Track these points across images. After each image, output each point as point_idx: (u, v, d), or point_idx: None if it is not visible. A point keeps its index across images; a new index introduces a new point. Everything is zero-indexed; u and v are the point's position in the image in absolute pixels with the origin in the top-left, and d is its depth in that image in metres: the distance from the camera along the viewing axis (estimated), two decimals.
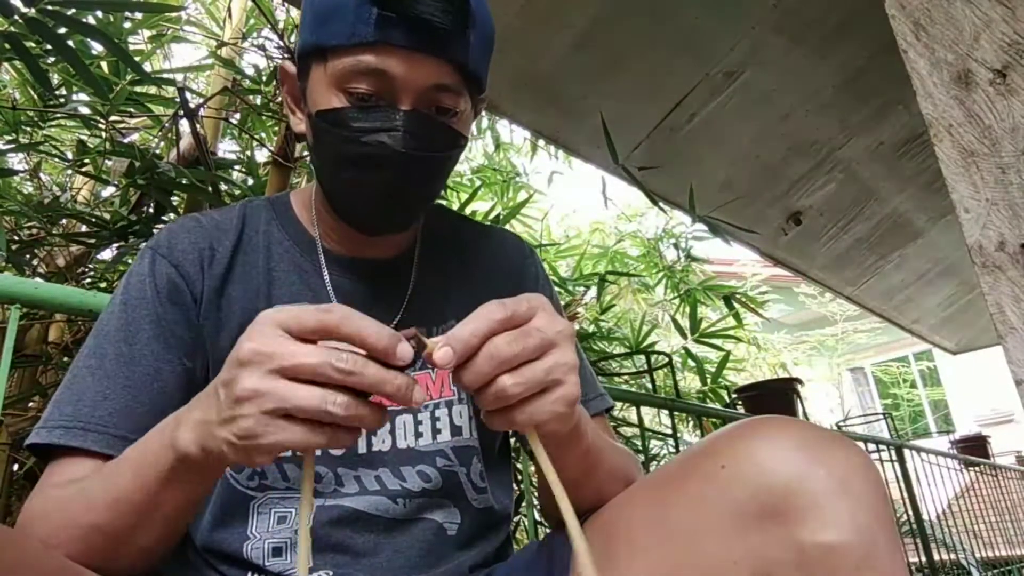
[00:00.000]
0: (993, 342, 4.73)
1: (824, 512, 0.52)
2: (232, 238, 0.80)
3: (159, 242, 0.79)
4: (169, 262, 0.77)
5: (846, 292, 3.91)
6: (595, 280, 3.45)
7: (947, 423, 11.58)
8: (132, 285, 0.76)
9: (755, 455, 0.56)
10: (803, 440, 0.56)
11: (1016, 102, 0.86)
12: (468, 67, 0.72)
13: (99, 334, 0.74)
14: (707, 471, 0.59)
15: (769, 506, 0.54)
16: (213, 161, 2.07)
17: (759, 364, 9.03)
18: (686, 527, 0.59)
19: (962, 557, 4.32)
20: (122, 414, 0.69)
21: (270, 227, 0.83)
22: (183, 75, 2.54)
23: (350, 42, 0.68)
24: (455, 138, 0.74)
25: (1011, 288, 0.84)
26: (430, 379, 0.80)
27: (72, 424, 0.67)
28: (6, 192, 2.07)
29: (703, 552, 0.57)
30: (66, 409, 0.68)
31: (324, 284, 0.80)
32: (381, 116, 0.69)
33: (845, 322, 10.78)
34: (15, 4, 1.42)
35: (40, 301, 1.02)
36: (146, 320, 0.73)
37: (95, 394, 0.69)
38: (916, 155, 2.90)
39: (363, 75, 0.69)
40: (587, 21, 2.09)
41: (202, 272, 0.77)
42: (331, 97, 0.71)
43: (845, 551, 0.51)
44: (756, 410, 3.19)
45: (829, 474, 0.53)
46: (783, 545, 0.53)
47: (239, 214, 0.83)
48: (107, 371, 0.71)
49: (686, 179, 2.63)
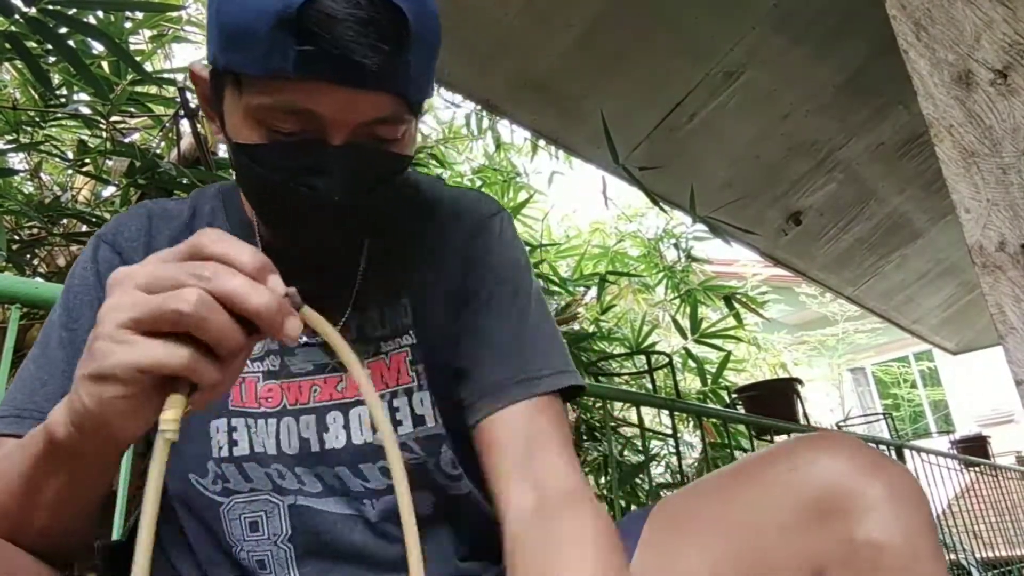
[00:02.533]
0: (993, 342, 4.72)
1: (879, 515, 0.58)
2: (178, 223, 0.78)
3: (105, 230, 0.78)
4: (112, 248, 0.76)
5: (846, 292, 3.91)
6: (595, 280, 3.45)
7: (947, 423, 11.58)
8: (76, 273, 0.75)
9: (822, 462, 0.62)
10: (864, 455, 0.62)
11: (1017, 102, 0.86)
12: (409, 94, 0.62)
13: (45, 326, 0.73)
14: (777, 471, 0.64)
15: (830, 506, 0.59)
16: (214, 161, 2.07)
17: (759, 364, 9.03)
18: (751, 521, 0.63)
19: (962, 557, 4.32)
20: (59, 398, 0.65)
21: (215, 214, 0.79)
22: (183, 75, 2.54)
23: (267, 74, 0.57)
24: (397, 162, 0.66)
25: (1011, 288, 0.84)
26: (384, 366, 0.74)
27: (9, 412, 0.67)
28: (6, 192, 2.07)
29: (764, 545, 0.62)
30: (7, 398, 0.69)
31: None
32: (309, 154, 0.60)
33: (846, 322, 10.77)
34: (15, 4, 1.42)
35: (40, 301, 1.02)
36: (87, 305, 0.72)
37: (34, 380, 0.69)
38: (916, 155, 2.90)
39: (284, 114, 0.59)
40: (587, 21, 2.09)
41: (141, 256, 0.73)
42: (249, 131, 0.61)
43: (892, 552, 0.57)
44: (756, 410, 3.19)
45: (884, 485, 0.59)
46: (837, 542, 0.58)
47: (190, 203, 0.81)
48: (49, 357, 0.70)
49: (686, 179, 2.63)
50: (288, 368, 0.73)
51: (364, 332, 0.75)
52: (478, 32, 2.04)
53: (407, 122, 0.64)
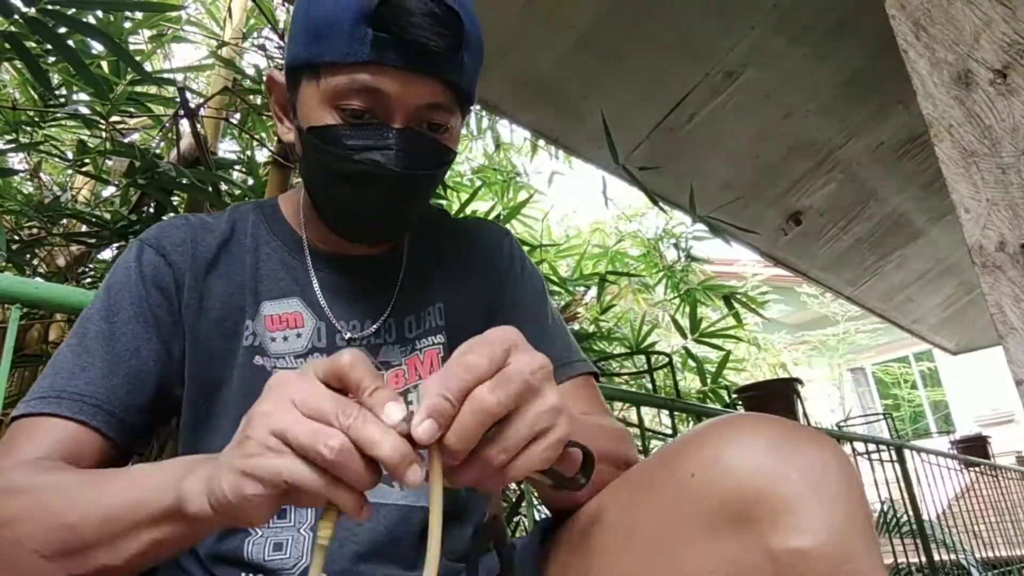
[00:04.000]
0: (993, 342, 4.73)
1: (796, 517, 0.50)
2: (219, 237, 0.83)
3: (148, 235, 0.82)
4: (156, 251, 0.79)
5: (846, 292, 3.91)
6: (595, 280, 3.45)
7: (947, 423, 11.58)
8: (118, 271, 0.79)
9: (724, 460, 0.54)
10: (773, 441, 0.54)
11: (1016, 102, 0.86)
12: (461, 86, 0.73)
13: (82, 319, 0.76)
14: (677, 479, 0.57)
15: (740, 513, 0.52)
16: (213, 161, 2.07)
17: (759, 364, 9.04)
18: (659, 537, 0.57)
19: (962, 557, 4.32)
20: (98, 384, 0.70)
21: (258, 229, 0.85)
22: (183, 75, 2.54)
23: (345, 60, 0.69)
24: (445, 154, 0.76)
25: (1011, 288, 0.83)
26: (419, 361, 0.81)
27: (48, 394, 0.69)
28: (6, 192, 2.07)
29: (677, 563, 0.55)
30: (44, 383, 0.71)
31: (311, 280, 0.82)
32: (374, 134, 0.71)
33: (846, 322, 10.78)
34: (15, 4, 1.42)
35: (40, 301, 1.02)
36: (128, 301, 0.76)
37: (73, 367, 0.71)
38: (916, 155, 2.90)
39: (357, 93, 0.70)
40: (587, 21, 2.09)
41: (187, 262, 0.79)
42: (323, 114, 0.72)
43: (819, 556, 0.49)
44: (756, 410, 3.19)
45: (801, 476, 0.51)
46: (757, 553, 0.51)
47: (227, 218, 0.85)
48: (87, 347, 0.73)
49: (686, 179, 2.63)
50: None
51: (402, 334, 0.83)
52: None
53: (455, 115, 0.75)
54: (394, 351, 0.81)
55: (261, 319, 0.79)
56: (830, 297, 7.70)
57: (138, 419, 0.73)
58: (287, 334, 0.79)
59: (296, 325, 0.79)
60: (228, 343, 0.78)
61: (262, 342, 0.78)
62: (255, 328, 0.78)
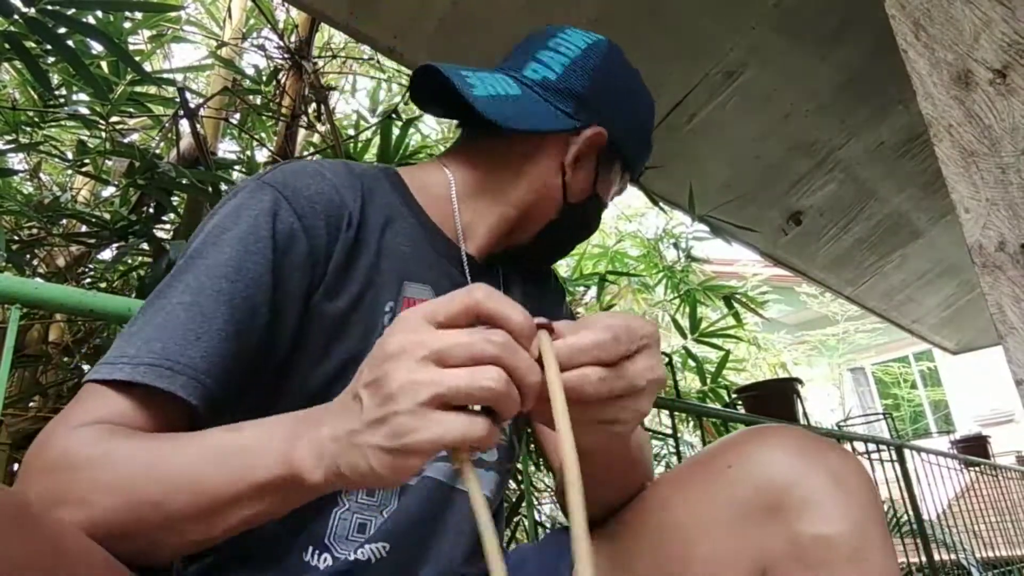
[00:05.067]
0: (993, 342, 4.73)
1: (821, 507, 0.57)
2: (358, 202, 0.74)
3: (284, 182, 0.69)
4: (294, 209, 0.68)
5: (846, 292, 3.91)
6: (595, 280, 3.44)
7: (947, 423, 11.58)
8: (246, 219, 0.66)
9: (759, 455, 0.61)
10: (801, 444, 0.61)
11: (1016, 102, 0.86)
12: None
13: (194, 266, 0.63)
14: (713, 471, 0.63)
15: (770, 501, 0.58)
16: (213, 161, 2.07)
17: (759, 364, 9.04)
18: (694, 522, 0.63)
19: (962, 557, 4.32)
20: (212, 360, 0.59)
21: (391, 197, 0.79)
22: (183, 75, 2.54)
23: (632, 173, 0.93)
24: None
25: (1011, 288, 0.83)
26: None
27: (160, 362, 0.57)
28: (6, 192, 2.07)
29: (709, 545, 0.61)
30: (154, 345, 0.58)
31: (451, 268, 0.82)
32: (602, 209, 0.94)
33: (846, 322, 10.77)
34: (15, 4, 1.42)
35: (40, 301, 1.01)
36: (256, 261, 0.64)
37: (187, 332, 0.59)
38: (916, 155, 2.90)
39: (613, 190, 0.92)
40: (587, 21, 2.09)
41: (328, 232, 0.70)
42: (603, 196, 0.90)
43: (839, 542, 0.55)
44: (756, 410, 3.19)
45: (825, 473, 0.58)
46: (782, 537, 0.57)
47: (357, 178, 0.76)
48: (203, 308, 0.61)
49: (686, 179, 2.63)
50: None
51: None
52: (478, 33, 2.04)
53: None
54: None
55: (401, 300, 0.74)
56: (830, 297, 7.70)
57: (241, 404, 0.64)
58: None
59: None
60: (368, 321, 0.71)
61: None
62: (396, 308, 0.74)
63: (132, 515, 0.50)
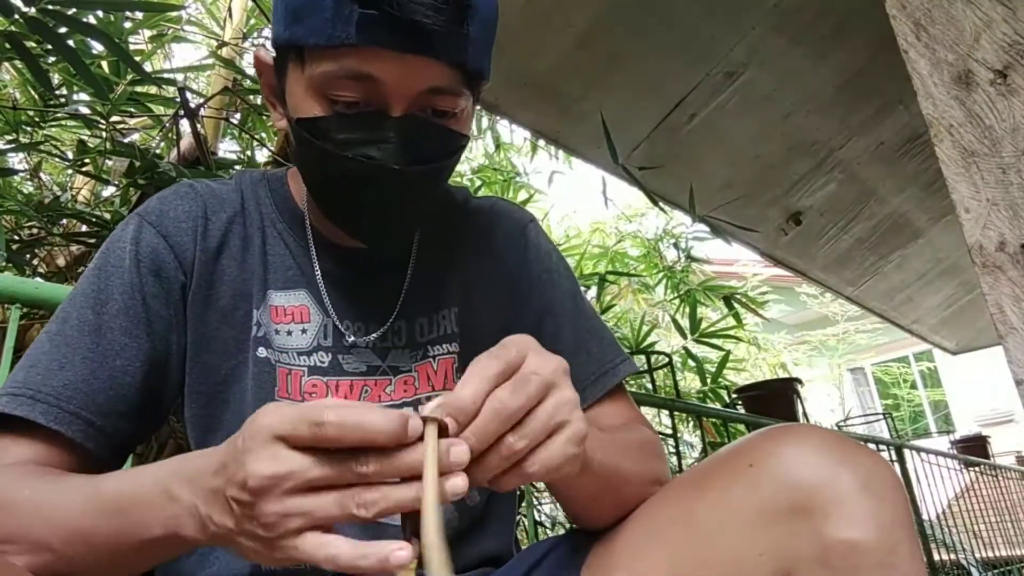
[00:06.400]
0: (993, 342, 4.73)
1: (848, 510, 0.53)
2: (229, 210, 0.74)
3: (148, 208, 0.72)
4: (157, 231, 0.70)
5: (846, 292, 3.91)
6: (595, 280, 3.45)
7: (947, 423, 11.58)
8: (111, 251, 0.69)
9: (783, 455, 0.58)
10: (828, 444, 0.57)
11: (1017, 102, 0.86)
12: (468, 65, 0.63)
13: (67, 303, 0.67)
14: (735, 469, 0.60)
15: (795, 502, 0.55)
16: (213, 161, 2.07)
17: (759, 364, 9.03)
18: (712, 521, 0.60)
19: (962, 557, 4.32)
20: (77, 387, 0.61)
21: (264, 204, 0.77)
22: (183, 75, 2.54)
23: (329, 43, 0.59)
24: (455, 140, 0.67)
25: (1011, 288, 0.83)
26: (431, 370, 0.75)
27: (20, 391, 0.60)
28: (6, 192, 2.07)
29: (728, 545, 0.58)
30: (18, 376, 0.62)
31: (315, 272, 0.74)
32: (369, 125, 0.61)
33: (846, 322, 10.77)
34: (15, 4, 1.42)
35: (40, 301, 1.02)
36: (119, 289, 0.67)
37: (50, 361, 0.62)
38: (916, 155, 2.90)
39: (346, 80, 0.60)
40: (587, 21, 2.09)
41: (195, 242, 0.71)
42: (311, 104, 0.62)
43: (867, 549, 0.52)
44: (756, 410, 3.19)
45: (854, 475, 0.54)
46: (807, 540, 0.54)
47: (236, 186, 0.77)
48: (67, 338, 0.64)
49: (686, 179, 2.63)
50: (341, 366, 0.73)
51: (412, 337, 0.76)
52: None
53: (464, 97, 0.65)
54: (403, 356, 0.75)
55: (267, 308, 0.72)
56: (830, 297, 7.70)
57: (121, 425, 0.64)
58: (292, 328, 0.72)
59: (302, 320, 0.73)
60: (239, 333, 0.71)
61: (267, 333, 0.71)
62: (260, 318, 0.72)
63: (40, 559, 0.53)
